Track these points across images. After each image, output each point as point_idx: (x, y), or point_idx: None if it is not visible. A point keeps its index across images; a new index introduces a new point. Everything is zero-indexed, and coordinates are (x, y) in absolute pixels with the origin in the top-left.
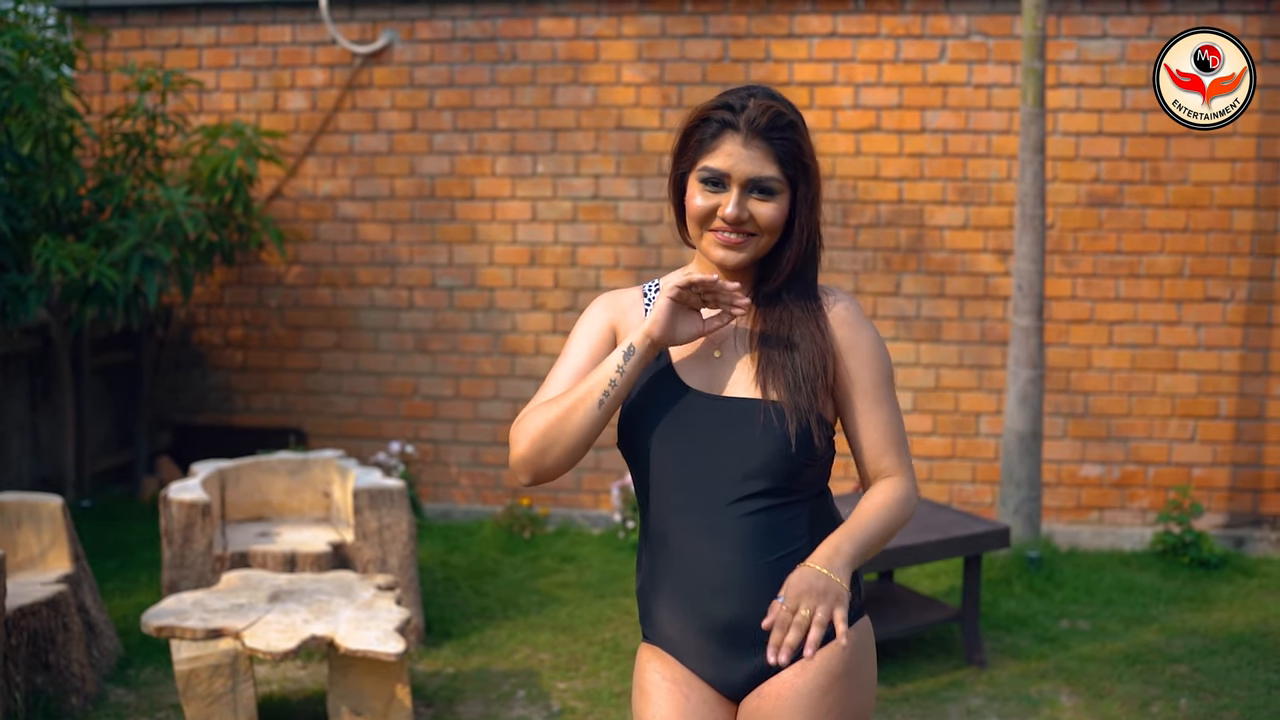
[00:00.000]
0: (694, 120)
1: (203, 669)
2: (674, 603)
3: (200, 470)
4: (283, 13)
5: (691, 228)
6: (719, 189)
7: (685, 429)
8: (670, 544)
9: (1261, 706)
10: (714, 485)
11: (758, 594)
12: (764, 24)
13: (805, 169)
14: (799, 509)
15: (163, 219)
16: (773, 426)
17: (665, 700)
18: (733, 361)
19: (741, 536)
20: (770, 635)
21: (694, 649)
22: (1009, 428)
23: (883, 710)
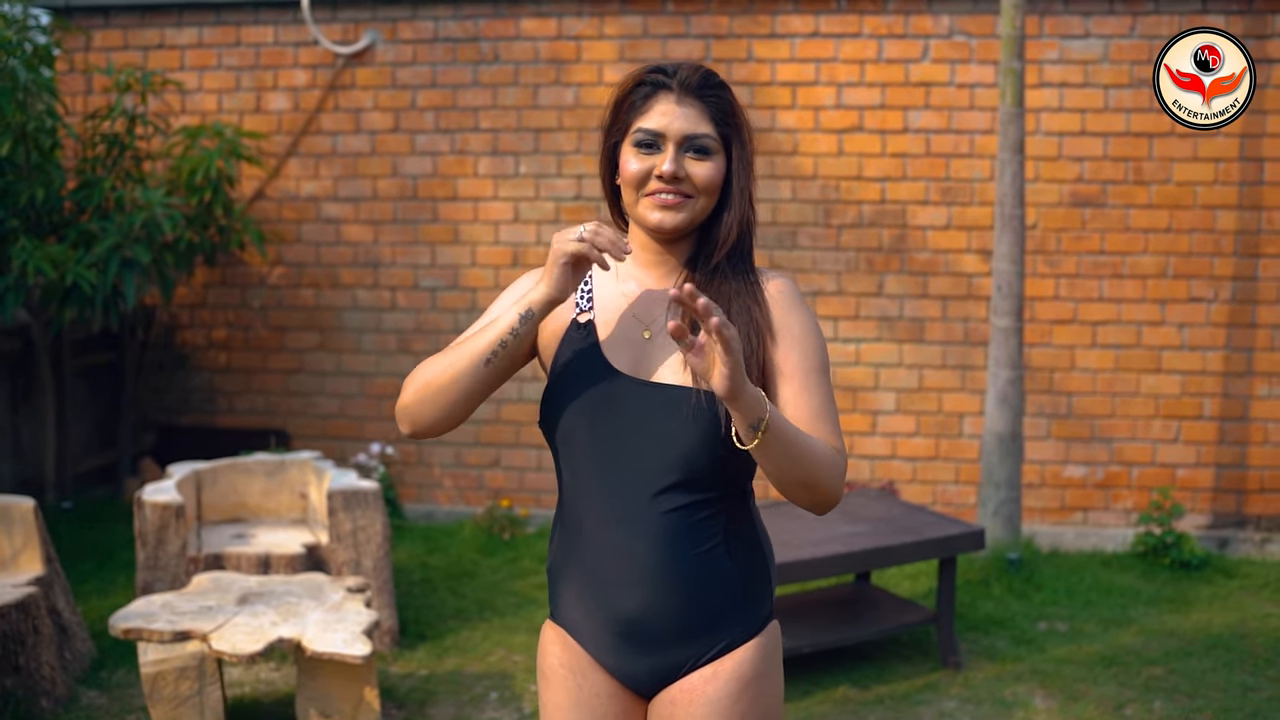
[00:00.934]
0: (626, 87)
1: (169, 671)
2: (581, 588)
3: (176, 472)
4: (265, 13)
5: (627, 194)
6: (654, 150)
7: (608, 414)
8: (584, 530)
9: (1236, 708)
10: (633, 475)
11: (665, 590)
12: (746, 24)
13: (739, 130)
14: (718, 506)
15: (140, 220)
16: (701, 415)
17: (560, 687)
18: (662, 344)
19: (656, 530)
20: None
21: (596, 637)
22: (988, 429)
23: (855, 712)
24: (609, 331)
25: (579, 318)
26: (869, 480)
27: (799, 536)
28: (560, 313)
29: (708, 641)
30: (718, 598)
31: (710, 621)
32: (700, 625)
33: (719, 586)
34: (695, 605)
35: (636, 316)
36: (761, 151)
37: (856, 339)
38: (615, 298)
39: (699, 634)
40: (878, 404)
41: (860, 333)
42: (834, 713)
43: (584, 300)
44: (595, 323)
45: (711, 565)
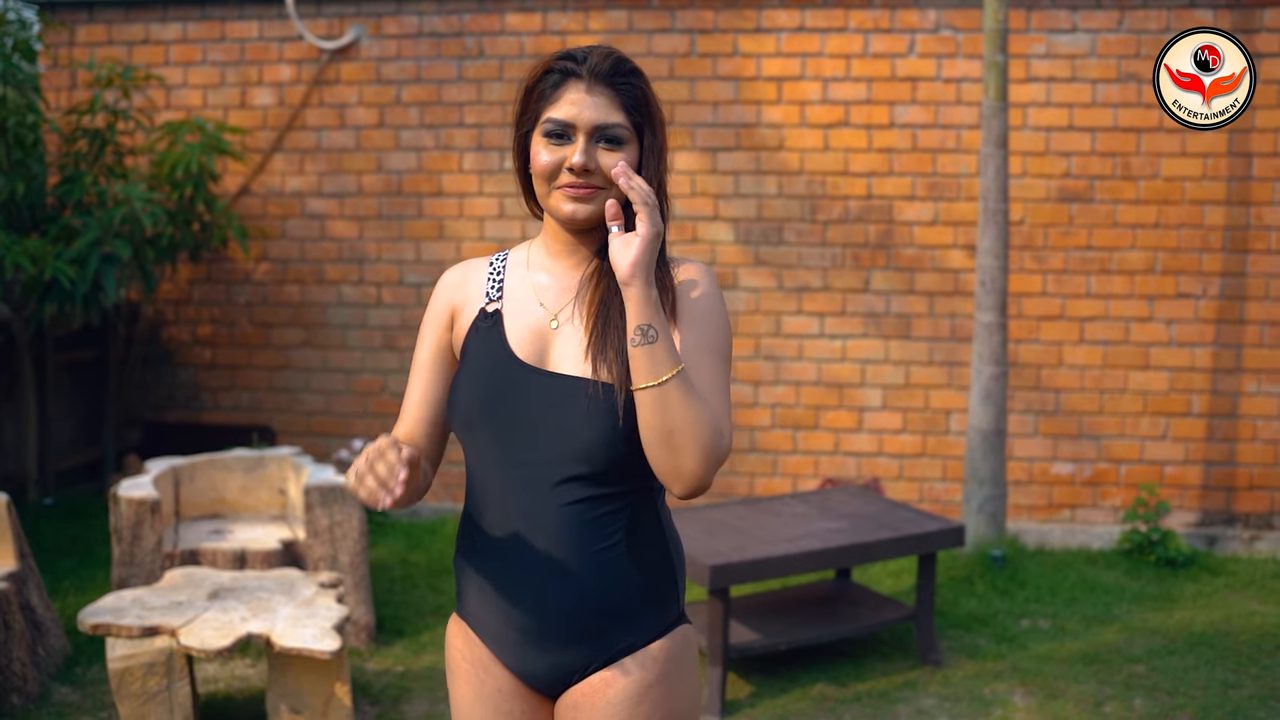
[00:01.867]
0: (534, 76)
1: (136, 667)
2: (483, 582)
3: (153, 467)
4: (250, 8)
5: (538, 185)
6: (564, 141)
7: (508, 404)
8: (486, 522)
9: (1216, 706)
10: (532, 468)
11: (563, 587)
12: (731, 19)
13: (651, 118)
14: (621, 503)
15: (120, 215)
16: (598, 407)
17: (463, 681)
18: (567, 333)
19: (555, 524)
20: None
21: (497, 633)
22: (972, 425)
23: (832, 710)
24: (515, 321)
25: (487, 307)
26: (855, 477)
27: (776, 532)
28: (470, 304)
29: (607, 643)
30: (618, 597)
31: (610, 622)
32: (599, 625)
33: (619, 586)
34: (594, 604)
35: (544, 306)
36: (746, 147)
37: (843, 335)
38: (524, 287)
39: (598, 634)
40: (864, 400)
41: (846, 329)
42: (811, 710)
43: (493, 290)
44: (502, 312)
45: (611, 564)
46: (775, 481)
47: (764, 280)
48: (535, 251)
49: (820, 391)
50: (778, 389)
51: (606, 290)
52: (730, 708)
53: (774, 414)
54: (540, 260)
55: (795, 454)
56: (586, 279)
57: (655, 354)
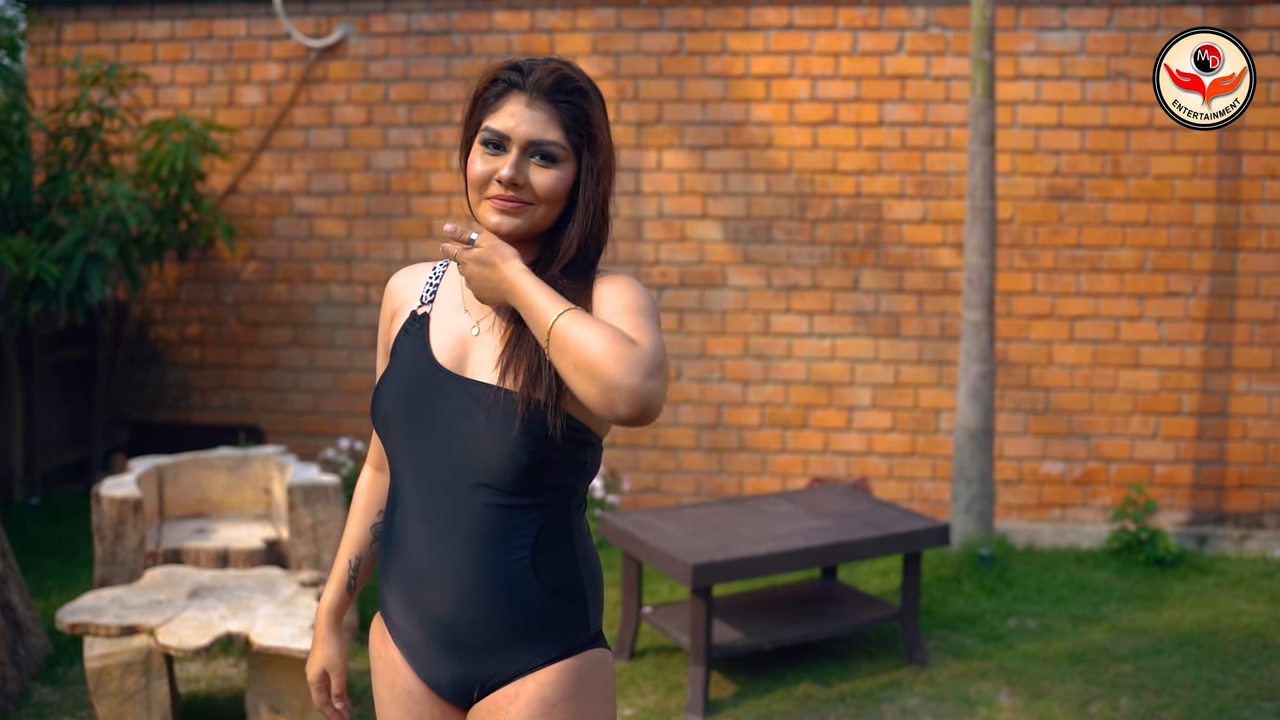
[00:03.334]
0: (483, 83)
1: (114, 666)
2: (396, 585)
3: (137, 466)
4: (237, 6)
5: (471, 194)
6: (499, 151)
7: (422, 407)
8: (399, 525)
9: (1202, 705)
10: (442, 472)
11: (467, 596)
12: (720, 16)
13: (593, 139)
14: (529, 515)
15: (105, 213)
16: (498, 415)
17: (379, 679)
18: (486, 341)
19: (463, 533)
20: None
21: (408, 637)
22: (960, 424)
23: (816, 710)
24: (441, 326)
25: (418, 310)
26: (844, 477)
27: (761, 531)
28: (406, 307)
29: (507, 658)
30: (520, 613)
31: (513, 635)
32: (503, 637)
33: (522, 602)
34: (498, 615)
35: (469, 312)
36: (735, 145)
37: (832, 334)
38: (454, 293)
39: (502, 647)
40: (853, 400)
41: (836, 328)
42: (795, 710)
43: (428, 293)
44: (430, 316)
45: (516, 579)
46: (764, 480)
47: (753, 279)
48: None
49: (809, 390)
50: (767, 388)
51: None
52: (714, 707)
53: (763, 413)
54: None
55: (784, 453)
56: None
57: (533, 315)
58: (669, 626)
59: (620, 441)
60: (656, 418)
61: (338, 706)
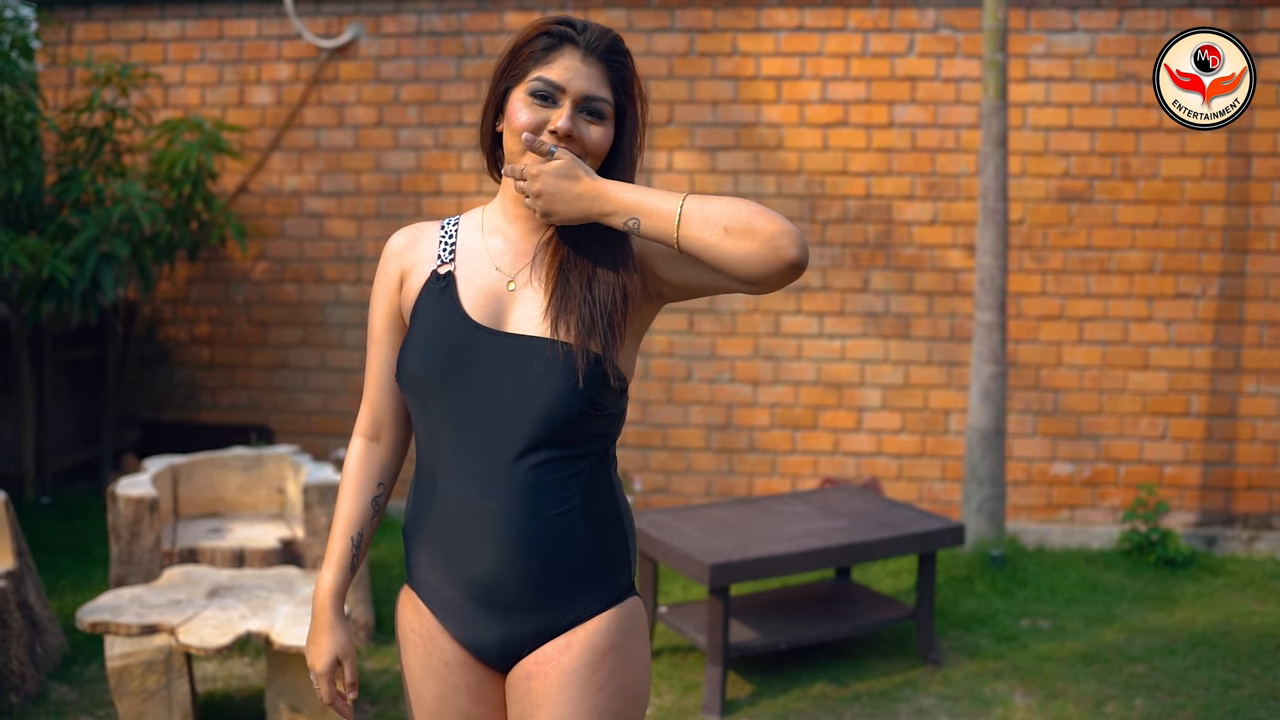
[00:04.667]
0: (528, 35)
1: (135, 665)
2: (433, 550)
3: (152, 466)
4: (248, 7)
5: (512, 143)
6: (549, 104)
7: (464, 366)
8: (438, 488)
9: (1217, 705)
10: (489, 429)
11: (519, 552)
12: (731, 18)
13: (633, 100)
14: (577, 466)
15: (119, 213)
16: (557, 368)
17: (411, 652)
18: (526, 295)
19: (511, 487)
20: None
21: (446, 602)
22: (971, 425)
23: (832, 709)
24: (470, 284)
25: (439, 269)
26: (854, 477)
27: (776, 531)
28: (420, 266)
29: (560, 611)
30: (572, 564)
31: (563, 589)
32: (553, 592)
33: (573, 552)
34: (549, 570)
35: (500, 270)
36: (745, 146)
37: (842, 335)
38: (479, 250)
39: (551, 602)
40: (863, 400)
41: (846, 329)
42: (811, 709)
43: (446, 252)
44: (455, 275)
45: (567, 529)
46: (774, 481)
47: None
48: (490, 215)
49: (819, 391)
50: (777, 389)
51: (566, 254)
52: (731, 707)
53: (773, 414)
54: (495, 224)
55: (794, 454)
56: (544, 244)
57: (652, 209)
58: (685, 626)
59: (630, 442)
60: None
61: (350, 697)
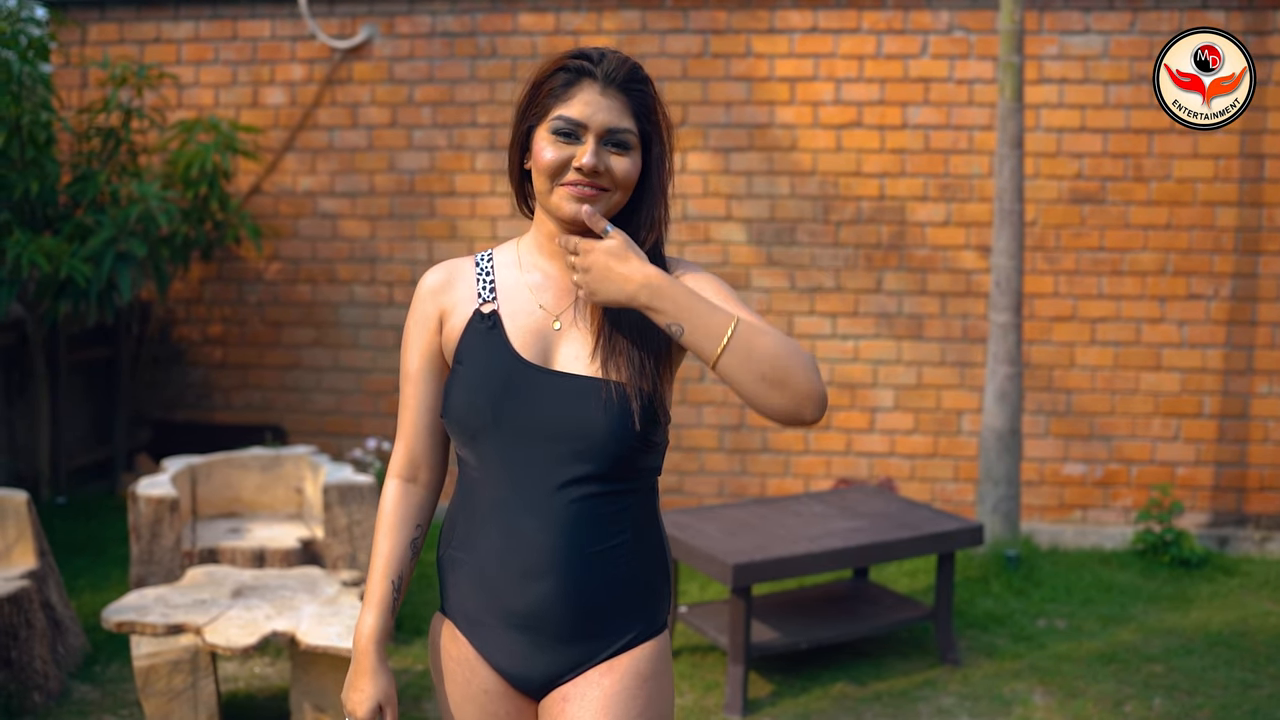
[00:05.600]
0: (546, 71)
1: (162, 665)
2: (478, 582)
3: (171, 466)
4: (262, 7)
5: (539, 181)
6: (573, 140)
7: (517, 404)
8: (484, 520)
9: (1235, 705)
10: (542, 466)
11: (568, 585)
12: (744, 19)
13: (658, 127)
14: (628, 500)
15: (136, 213)
16: (613, 408)
17: (449, 680)
18: (572, 335)
19: (562, 521)
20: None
21: (490, 633)
22: (987, 425)
23: (852, 709)
24: (514, 322)
25: (482, 308)
26: (867, 477)
27: (797, 531)
28: (461, 306)
29: (605, 640)
30: (620, 595)
31: (611, 619)
32: (600, 622)
33: (622, 584)
34: (598, 601)
35: (544, 307)
36: (759, 147)
37: (855, 336)
38: (519, 287)
39: (597, 631)
40: (876, 401)
41: (859, 329)
42: (832, 709)
43: (486, 290)
44: (500, 312)
45: (617, 562)
46: (787, 482)
47: (776, 280)
48: (526, 251)
49: (832, 392)
50: None
51: None
52: (752, 706)
53: None
54: (533, 260)
55: (807, 454)
56: None
57: (701, 324)
58: (706, 626)
59: None
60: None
61: None
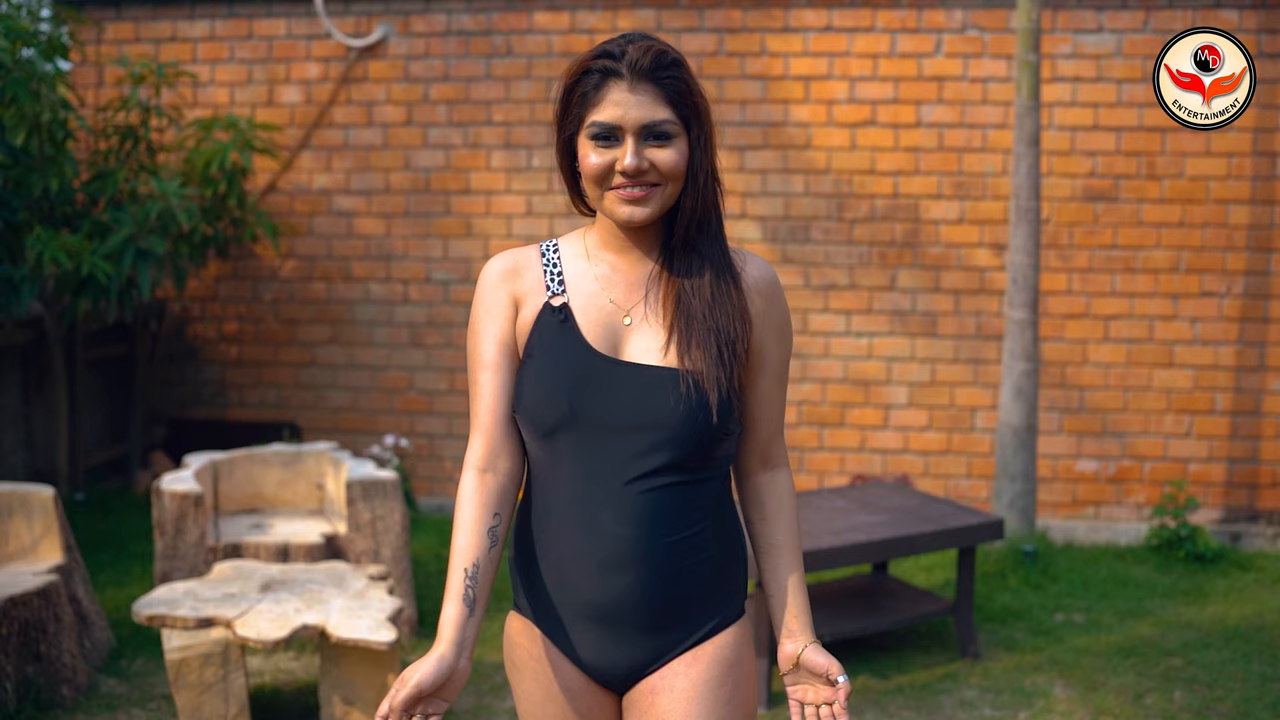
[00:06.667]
0: (573, 76)
1: (194, 658)
2: (558, 579)
3: (193, 462)
4: (277, 6)
5: (590, 190)
6: (612, 143)
7: (594, 397)
8: (562, 516)
9: (1255, 698)
10: (620, 458)
11: (649, 576)
12: (759, 18)
13: (696, 109)
14: (706, 488)
15: (156, 211)
16: (691, 399)
17: (531, 680)
18: (642, 329)
19: (643, 513)
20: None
21: (571, 630)
22: (1003, 421)
23: (876, 702)
24: (586, 315)
25: (552, 301)
26: (881, 474)
27: (818, 526)
28: (532, 296)
29: (689, 628)
30: (703, 583)
31: (693, 608)
32: (685, 612)
33: (704, 571)
34: (679, 591)
35: (614, 302)
36: (774, 146)
37: (869, 333)
38: (588, 280)
39: (681, 621)
40: (890, 398)
41: (872, 327)
42: (856, 702)
43: (554, 283)
44: (570, 306)
45: (698, 549)
46: (801, 478)
47: (791, 278)
48: (592, 243)
49: (847, 389)
50: (804, 386)
51: (683, 284)
52: (775, 699)
53: (800, 411)
54: (599, 253)
55: (821, 451)
56: (655, 275)
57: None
58: None
59: None
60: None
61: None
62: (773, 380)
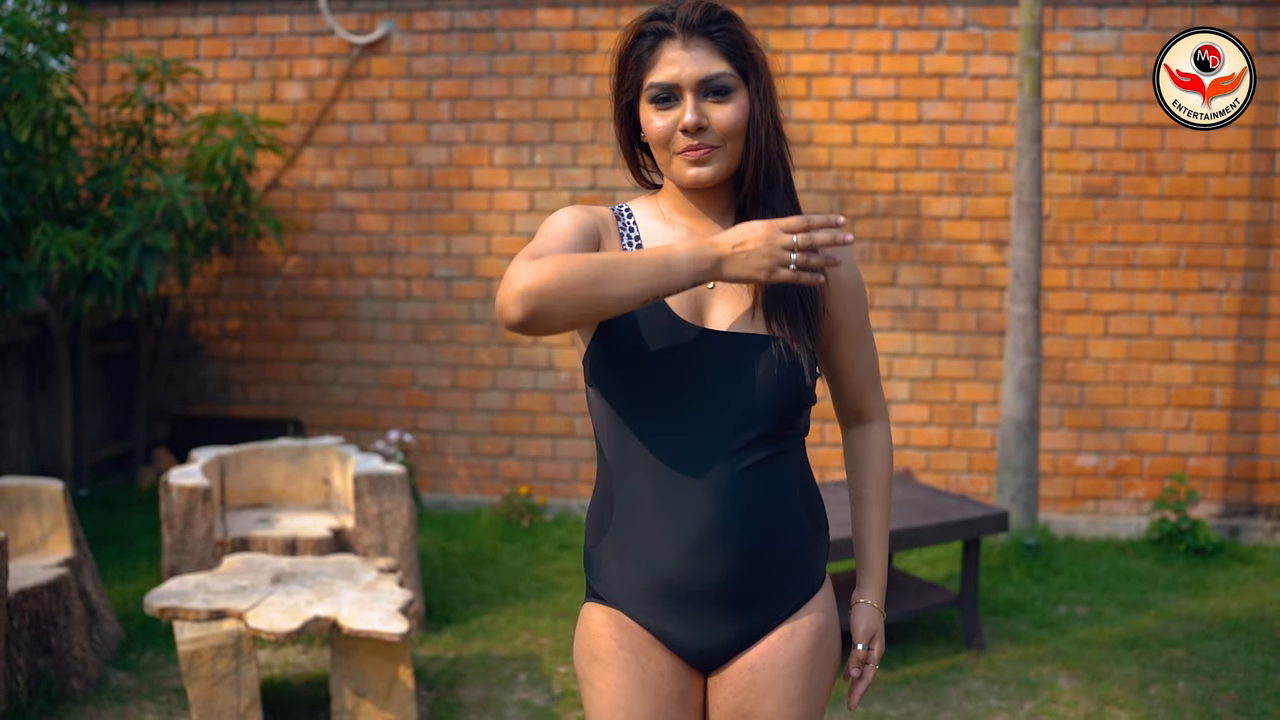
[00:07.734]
0: (628, 42)
1: (206, 650)
2: (647, 562)
3: (200, 456)
4: (280, 3)
5: (658, 154)
6: (672, 103)
7: (680, 367)
8: (649, 497)
9: (1259, 688)
10: (710, 430)
11: (746, 552)
12: (761, 15)
13: (753, 60)
14: (793, 456)
15: (161, 207)
16: (783, 365)
17: (620, 670)
18: (727, 294)
19: (737, 487)
20: (848, 671)
21: (665, 612)
22: (1006, 415)
23: (883, 693)
24: None
25: None
26: None
27: None
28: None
29: (784, 600)
30: (796, 550)
31: (790, 578)
32: (779, 585)
33: (797, 538)
34: (777, 563)
35: None
36: None
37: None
38: (664, 241)
39: (775, 595)
40: (891, 393)
41: (874, 322)
42: None
43: (632, 246)
44: None
45: (789, 517)
46: None
47: None
48: (665, 206)
49: None
50: None
51: None
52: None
53: None
54: (674, 217)
55: (823, 446)
56: None
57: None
58: None
59: None
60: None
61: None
62: (850, 340)
